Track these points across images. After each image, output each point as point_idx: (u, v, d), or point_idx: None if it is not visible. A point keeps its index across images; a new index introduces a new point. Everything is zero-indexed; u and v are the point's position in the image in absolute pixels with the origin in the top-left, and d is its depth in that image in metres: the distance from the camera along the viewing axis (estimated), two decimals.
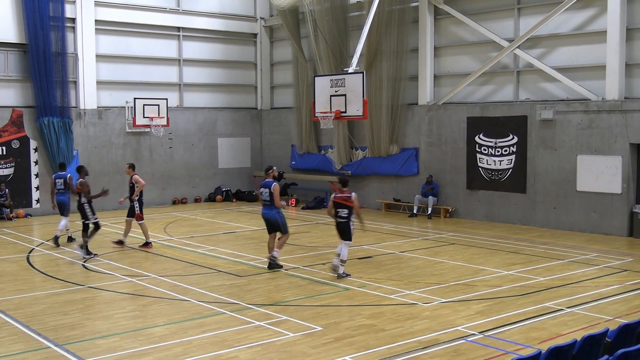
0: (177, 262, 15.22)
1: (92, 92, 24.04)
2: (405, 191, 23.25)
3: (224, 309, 11.25)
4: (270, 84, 28.93)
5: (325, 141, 25.95)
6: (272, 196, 14.08)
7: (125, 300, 12.01)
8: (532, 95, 20.26)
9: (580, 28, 19.24)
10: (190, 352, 9.12)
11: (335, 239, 18.01)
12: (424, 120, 22.64)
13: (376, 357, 8.88)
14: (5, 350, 9.24)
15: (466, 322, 10.33)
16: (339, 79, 17.07)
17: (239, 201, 26.90)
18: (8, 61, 22.49)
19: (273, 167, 14.81)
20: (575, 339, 6.88)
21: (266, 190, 14.19)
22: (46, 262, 15.26)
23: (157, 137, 25.26)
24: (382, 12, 22.02)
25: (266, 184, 14.25)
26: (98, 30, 24.19)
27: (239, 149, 28.10)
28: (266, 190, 14.19)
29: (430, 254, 15.90)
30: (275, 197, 14.05)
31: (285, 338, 9.68)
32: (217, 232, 19.73)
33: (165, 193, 25.96)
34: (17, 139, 22.60)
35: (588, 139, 18.67)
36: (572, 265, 14.54)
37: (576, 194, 18.93)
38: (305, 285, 12.98)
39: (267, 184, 14.22)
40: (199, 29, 26.80)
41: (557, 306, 11.22)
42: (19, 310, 11.22)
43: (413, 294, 12.14)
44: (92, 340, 9.77)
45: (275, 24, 28.01)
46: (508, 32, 20.69)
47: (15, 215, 21.97)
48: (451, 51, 22.43)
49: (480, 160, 21.03)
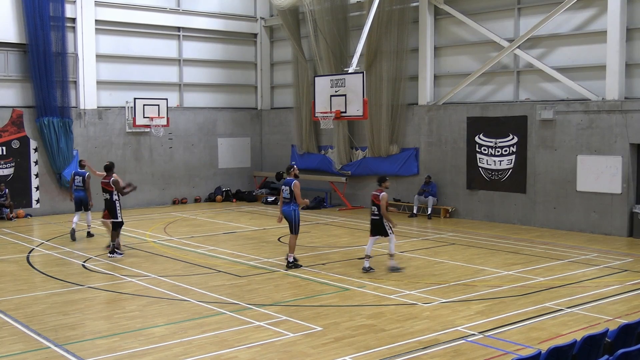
0: (177, 262, 15.22)
1: (92, 92, 24.05)
2: (405, 191, 23.25)
3: (224, 309, 11.25)
4: (271, 84, 28.94)
5: (326, 141, 25.95)
6: (292, 194, 14.35)
7: (125, 301, 12.00)
8: (532, 95, 20.26)
9: (580, 28, 19.24)
10: (190, 352, 9.12)
11: (335, 239, 18.09)
12: (424, 120, 22.65)
13: (376, 357, 8.88)
14: (5, 350, 9.24)
15: (466, 322, 10.33)
16: (339, 79, 17.06)
17: (239, 201, 26.90)
18: (8, 61, 22.49)
19: (294, 165, 15.07)
20: (575, 339, 6.88)
21: (287, 188, 14.47)
22: (46, 262, 15.26)
23: (157, 137, 25.26)
24: (382, 12, 22.02)
25: (287, 182, 14.53)
26: (98, 30, 24.19)
27: (239, 149, 28.10)
28: (287, 188, 14.47)
29: (430, 254, 15.90)
30: (297, 194, 14.31)
31: (285, 338, 9.68)
32: (217, 232, 19.73)
33: (165, 193, 25.97)
34: (17, 139, 22.60)
35: (588, 139, 18.67)
36: (572, 266, 14.54)
37: (576, 194, 18.93)
38: (305, 285, 12.98)
39: (288, 182, 14.51)
40: (199, 29, 26.80)
41: (557, 306, 11.22)
42: (19, 310, 11.22)
43: (413, 294, 12.14)
44: (92, 340, 9.77)
45: (275, 24, 28.01)
46: (508, 32, 20.70)
47: (15, 216, 21.96)
48: (451, 51, 22.44)
49: (480, 160, 21.03)
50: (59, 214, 22.58)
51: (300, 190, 14.39)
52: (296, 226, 14.45)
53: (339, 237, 18.46)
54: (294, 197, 14.34)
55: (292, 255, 14.50)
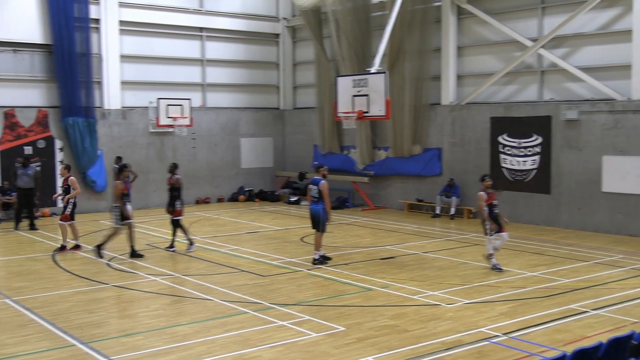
0: (200, 262, 15.30)
1: (116, 92, 24.25)
2: (428, 191, 23.17)
3: (247, 308, 11.29)
4: (293, 84, 28.97)
5: (348, 141, 25.94)
6: (320, 193, 14.53)
7: (149, 299, 12.09)
8: (556, 95, 20.10)
9: (605, 27, 19.05)
10: (213, 351, 9.16)
11: (357, 239, 18.08)
12: (447, 120, 22.55)
13: (399, 357, 8.86)
14: (31, 348, 9.35)
15: (490, 324, 10.27)
16: (362, 79, 17.05)
17: (261, 201, 26.97)
18: (34, 62, 22.75)
19: (323, 165, 15.24)
20: (601, 341, 6.81)
21: (315, 188, 14.67)
22: (71, 261, 15.40)
23: (181, 137, 25.41)
24: (405, 11, 21.92)
25: (315, 181, 14.72)
26: (122, 31, 24.39)
27: (262, 149, 28.17)
28: (315, 187, 14.66)
29: (453, 255, 15.84)
30: (325, 195, 14.50)
31: (308, 338, 9.69)
32: (240, 231, 19.80)
33: (189, 193, 26.00)
34: (43, 139, 22.85)
35: (613, 140, 18.48)
36: (598, 267, 14.40)
37: (601, 194, 18.74)
38: (328, 285, 12.98)
39: (315, 182, 14.70)
40: (222, 29, 26.91)
41: (582, 308, 11.12)
42: (44, 308, 11.35)
43: (436, 294, 12.09)
44: (116, 338, 9.85)
45: (297, 24, 28.05)
46: (532, 32, 20.54)
47: (41, 214, 22.19)
48: (474, 51, 22.32)
49: (504, 161, 20.90)
50: (84, 213, 22.76)
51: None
52: (323, 225, 14.59)
53: (361, 237, 18.45)
54: (322, 196, 14.51)
55: (317, 253, 14.62)
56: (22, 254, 16.44)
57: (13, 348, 9.36)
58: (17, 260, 15.77)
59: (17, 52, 22.41)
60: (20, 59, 22.51)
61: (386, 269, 14.38)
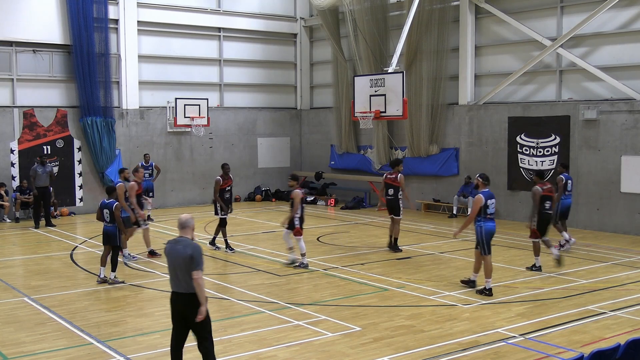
0: (217, 261, 15.34)
1: (135, 92, 24.40)
2: (445, 192, 23.09)
3: (263, 307, 11.31)
4: (310, 84, 28.99)
5: (365, 141, 25.91)
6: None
7: (166, 298, 12.04)
8: (575, 95, 19.95)
9: (625, 26, 18.89)
10: (229, 350, 9.19)
11: (374, 239, 18.05)
12: (464, 120, 22.46)
13: (415, 358, 8.85)
14: (49, 346, 9.43)
15: (507, 325, 10.23)
16: (379, 78, 17.02)
17: (278, 201, 26.99)
18: (53, 62, 22.94)
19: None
20: (619, 342, 6.77)
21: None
22: (89, 260, 15.51)
23: (198, 136, 25.50)
24: (423, 11, 21.90)
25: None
26: (140, 31, 24.53)
27: (279, 148, 28.22)
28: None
29: (470, 255, 15.69)
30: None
31: (323, 338, 9.70)
32: (257, 231, 19.84)
33: (206, 192, 26.13)
34: (62, 139, 23.02)
35: (633, 140, 18.31)
36: (616, 268, 14.29)
37: (620, 195, 18.58)
38: (344, 285, 12.98)
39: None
40: (239, 29, 26.97)
41: (600, 309, 11.04)
42: (62, 307, 11.44)
43: (453, 295, 12.06)
44: (133, 337, 9.91)
45: (315, 24, 28.06)
46: (551, 31, 20.41)
47: (59, 214, 22.37)
48: (492, 50, 22.21)
49: (522, 161, 20.78)
50: None
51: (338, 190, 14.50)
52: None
53: (378, 237, 18.41)
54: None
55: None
56: (41, 253, 16.59)
57: (31, 346, 9.44)
58: (36, 259, 15.92)
59: (37, 52, 22.60)
60: (39, 60, 22.71)
61: (402, 269, 14.36)
